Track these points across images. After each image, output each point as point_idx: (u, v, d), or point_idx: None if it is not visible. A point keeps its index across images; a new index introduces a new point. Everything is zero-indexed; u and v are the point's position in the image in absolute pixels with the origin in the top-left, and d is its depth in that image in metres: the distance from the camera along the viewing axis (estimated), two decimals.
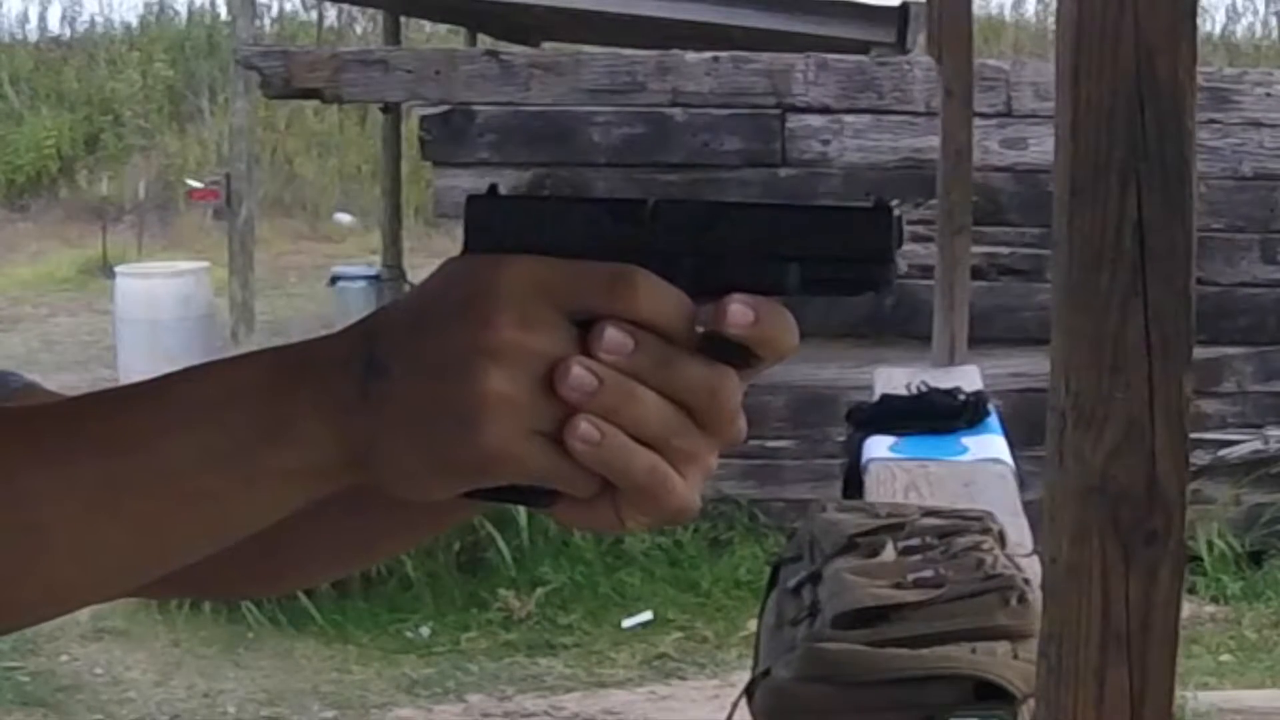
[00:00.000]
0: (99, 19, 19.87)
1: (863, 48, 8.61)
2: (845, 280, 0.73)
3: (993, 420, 4.38)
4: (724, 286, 0.71)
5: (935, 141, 5.67)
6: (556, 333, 0.70)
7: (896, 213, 0.73)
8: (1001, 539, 2.93)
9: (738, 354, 0.71)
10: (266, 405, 0.72)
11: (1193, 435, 1.70)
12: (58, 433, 0.74)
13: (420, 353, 0.70)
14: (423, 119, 7.77)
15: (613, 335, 0.70)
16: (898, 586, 2.65)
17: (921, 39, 8.01)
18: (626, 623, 6.90)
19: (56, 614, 0.78)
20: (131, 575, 0.77)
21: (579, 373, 0.69)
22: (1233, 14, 19.26)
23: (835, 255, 0.72)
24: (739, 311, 0.70)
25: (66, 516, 0.73)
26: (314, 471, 0.73)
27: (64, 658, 6.52)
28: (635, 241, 0.71)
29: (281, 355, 0.75)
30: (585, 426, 0.69)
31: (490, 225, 0.73)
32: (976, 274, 5.82)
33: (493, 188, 0.74)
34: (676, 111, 7.54)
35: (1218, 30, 17.73)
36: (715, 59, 7.59)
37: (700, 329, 0.72)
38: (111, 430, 0.74)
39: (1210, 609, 7.04)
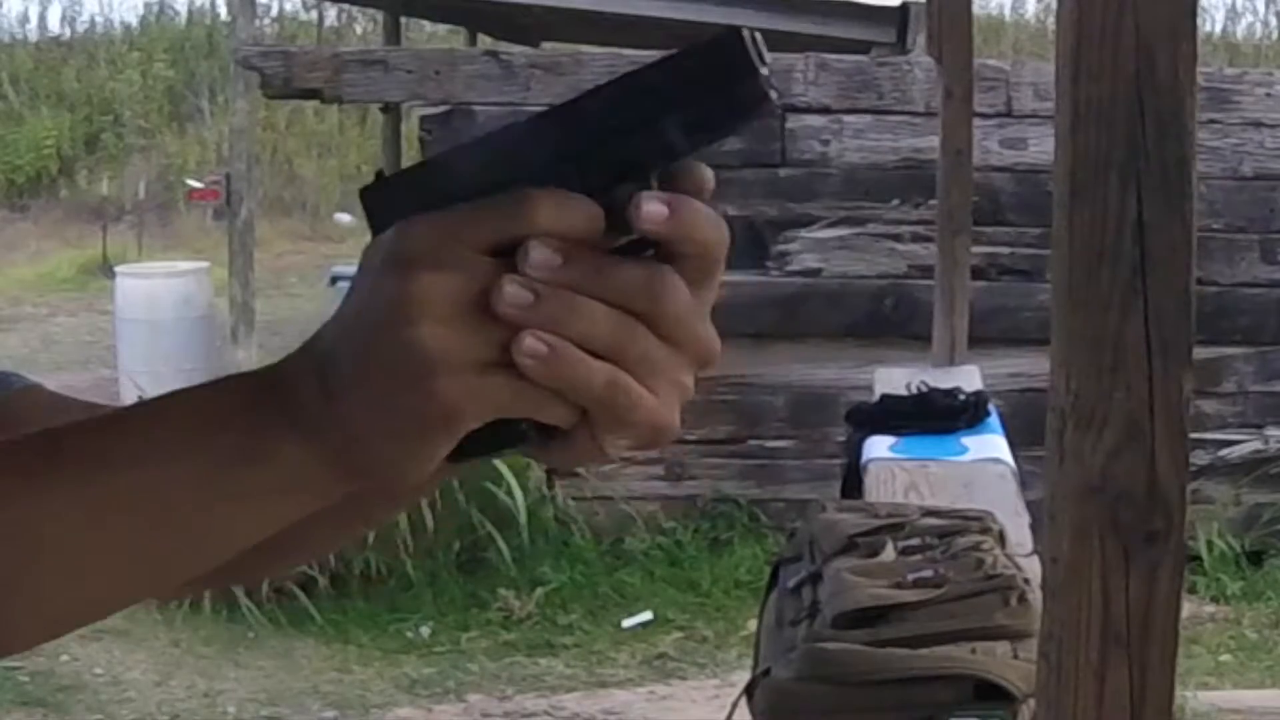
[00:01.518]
0: (99, 19, 19.95)
1: (863, 48, 8.62)
2: (726, 112, 0.70)
3: (993, 420, 4.38)
4: (618, 171, 0.70)
5: (935, 141, 5.67)
6: (474, 266, 0.69)
7: (746, 31, 0.70)
8: (1001, 539, 2.93)
9: (663, 256, 0.70)
10: (247, 426, 0.73)
11: (1193, 435, 1.70)
12: (48, 457, 0.75)
13: (357, 331, 0.71)
14: (423, 119, 7.78)
15: (538, 251, 0.69)
16: (898, 586, 2.65)
17: (921, 39, 8.01)
18: (626, 623, 6.90)
19: (48, 637, 0.78)
20: (124, 595, 0.78)
21: (512, 289, 0.69)
22: (1233, 14, 19.30)
23: (703, 90, 0.70)
24: (652, 208, 0.69)
25: (58, 540, 0.73)
26: (298, 488, 0.74)
27: (64, 658, 6.52)
28: (519, 165, 0.71)
29: (259, 376, 0.76)
30: (530, 341, 0.69)
31: (387, 208, 0.72)
32: (976, 274, 5.82)
33: (379, 174, 0.74)
34: None
35: (1218, 30, 17.74)
36: None
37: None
38: (101, 453, 0.75)
39: (1210, 609, 7.04)
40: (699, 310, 0.71)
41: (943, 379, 4.69)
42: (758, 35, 0.70)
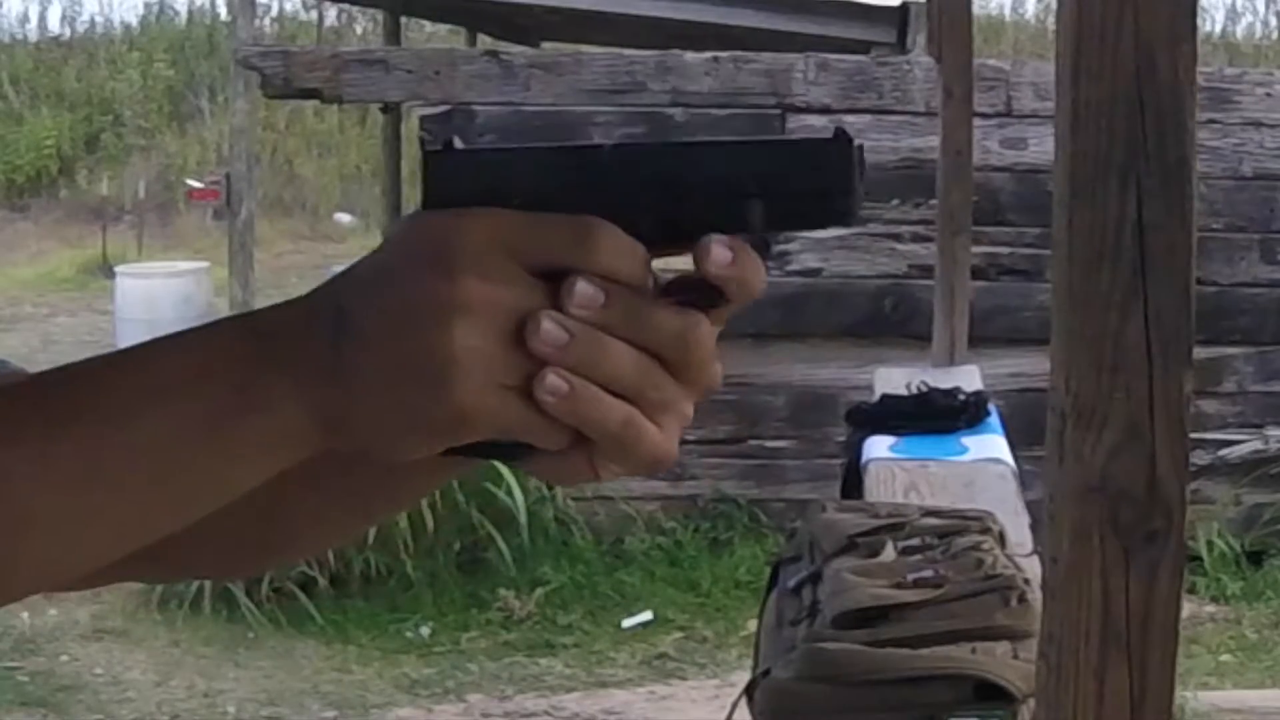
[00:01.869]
0: (99, 19, 19.93)
1: (863, 48, 8.62)
2: (809, 214, 0.72)
3: (993, 420, 4.37)
4: (687, 227, 0.70)
5: (935, 141, 5.66)
6: (519, 286, 0.69)
7: (857, 142, 0.71)
8: (1001, 539, 2.93)
9: (705, 297, 0.71)
10: (241, 376, 0.73)
11: (1193, 435, 1.70)
12: (37, 409, 0.74)
13: (385, 310, 0.70)
14: (423, 119, 7.77)
15: (584, 289, 0.69)
16: (898, 586, 2.65)
17: (921, 39, 8.01)
18: (626, 623, 6.90)
19: (44, 588, 0.79)
20: (114, 547, 0.77)
21: (549, 327, 0.69)
22: (1233, 14, 19.30)
23: (798, 189, 0.71)
24: (721, 253, 0.70)
25: (49, 492, 0.73)
26: (289, 439, 0.73)
27: (64, 658, 6.52)
28: (595, 186, 0.71)
29: (254, 322, 0.75)
30: (553, 379, 0.69)
31: (448, 180, 0.72)
32: (976, 274, 5.82)
33: (448, 142, 0.73)
34: (677, 111, 7.54)
35: (1218, 30, 17.74)
36: (715, 59, 7.59)
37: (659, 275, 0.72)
38: (91, 405, 0.74)
39: (1210, 609, 7.04)
40: (713, 342, 0.73)
41: (943, 379, 4.69)
42: (863, 145, 0.71)
